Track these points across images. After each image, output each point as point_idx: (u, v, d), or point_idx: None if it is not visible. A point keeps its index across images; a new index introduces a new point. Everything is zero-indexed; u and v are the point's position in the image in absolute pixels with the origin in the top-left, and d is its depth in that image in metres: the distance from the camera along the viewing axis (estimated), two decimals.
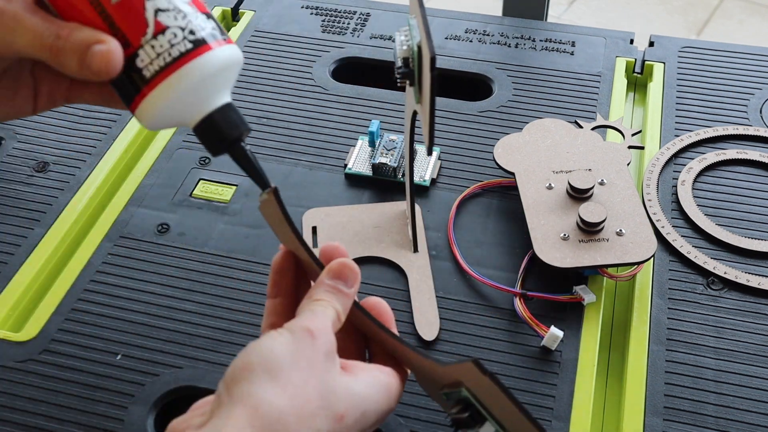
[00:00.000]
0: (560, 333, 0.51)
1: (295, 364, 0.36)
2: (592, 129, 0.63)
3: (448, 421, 0.41)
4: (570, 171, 0.59)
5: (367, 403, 0.38)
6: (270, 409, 0.34)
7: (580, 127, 0.63)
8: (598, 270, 0.54)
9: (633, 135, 0.62)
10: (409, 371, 0.43)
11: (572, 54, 0.75)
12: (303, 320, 0.38)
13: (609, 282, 0.57)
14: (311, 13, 0.80)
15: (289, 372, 0.35)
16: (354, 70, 0.75)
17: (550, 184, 0.58)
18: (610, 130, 0.65)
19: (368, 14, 0.80)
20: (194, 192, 0.63)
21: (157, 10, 0.36)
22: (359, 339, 0.43)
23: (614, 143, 0.61)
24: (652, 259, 0.57)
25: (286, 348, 0.36)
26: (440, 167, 0.64)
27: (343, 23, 0.79)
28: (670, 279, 0.56)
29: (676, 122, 0.67)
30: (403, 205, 0.61)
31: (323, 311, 0.39)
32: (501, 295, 0.55)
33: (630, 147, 0.61)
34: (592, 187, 0.57)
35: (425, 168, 0.63)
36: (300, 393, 0.35)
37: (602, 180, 0.58)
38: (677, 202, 0.61)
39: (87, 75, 0.36)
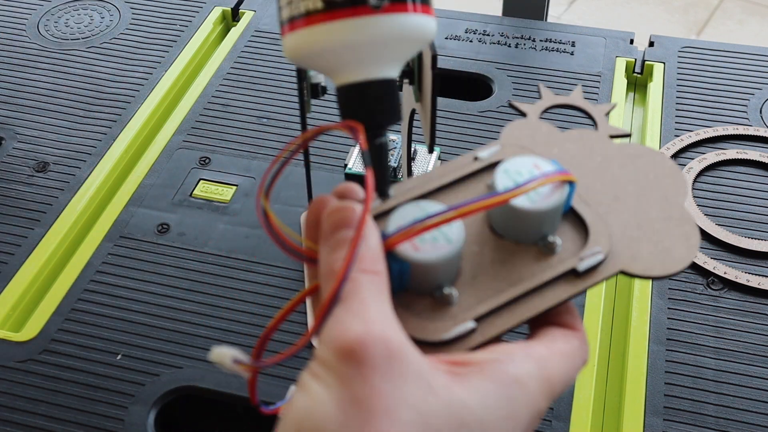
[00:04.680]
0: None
1: (347, 425, 0.24)
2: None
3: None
4: None
5: (485, 418, 0.26)
6: None
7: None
8: None
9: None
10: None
11: (572, 54, 0.75)
12: (336, 338, 0.25)
13: (609, 281, 0.57)
14: None
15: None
16: None
17: None
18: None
19: None
20: (194, 192, 0.63)
21: None
22: None
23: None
24: None
25: (327, 409, 0.24)
26: None
27: None
28: (670, 279, 0.56)
29: (676, 122, 0.67)
30: None
31: (355, 309, 0.26)
32: None
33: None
34: None
35: (425, 168, 0.63)
36: (323, 408, 0.24)
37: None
38: None
39: None
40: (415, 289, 0.30)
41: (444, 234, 0.29)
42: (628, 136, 0.34)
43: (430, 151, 0.44)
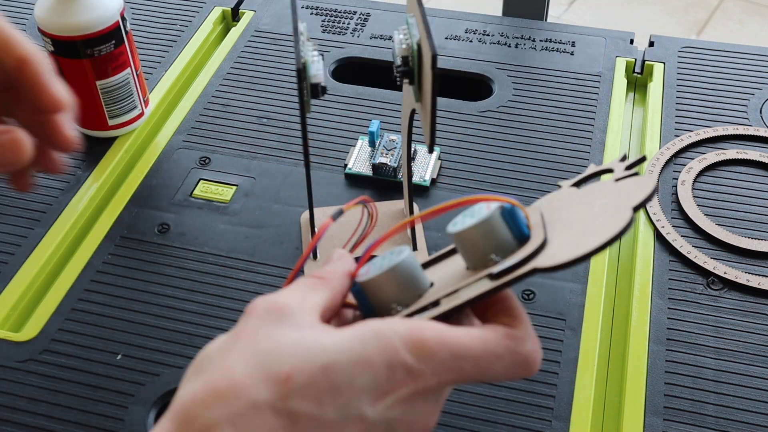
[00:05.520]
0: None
1: (221, 350, 0.30)
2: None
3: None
4: None
5: (333, 354, 0.29)
6: (183, 400, 0.29)
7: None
8: None
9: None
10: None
11: (572, 54, 0.75)
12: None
13: (609, 281, 0.57)
14: (311, 13, 0.80)
15: (214, 359, 0.30)
16: (354, 70, 0.75)
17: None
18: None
19: (368, 14, 0.80)
20: (194, 192, 0.63)
21: None
22: None
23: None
24: (652, 259, 0.57)
25: (218, 342, 0.31)
26: (440, 167, 0.64)
27: (343, 23, 0.79)
28: (670, 279, 0.56)
29: (676, 122, 0.67)
30: (401, 204, 0.61)
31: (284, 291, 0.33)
32: None
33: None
34: None
35: (425, 168, 0.63)
36: (218, 370, 0.29)
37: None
38: (677, 202, 0.61)
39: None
40: (380, 311, 0.34)
41: (389, 261, 0.33)
42: (643, 159, 0.35)
43: (430, 151, 0.44)
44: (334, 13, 0.80)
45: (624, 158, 0.36)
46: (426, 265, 0.37)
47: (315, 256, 0.57)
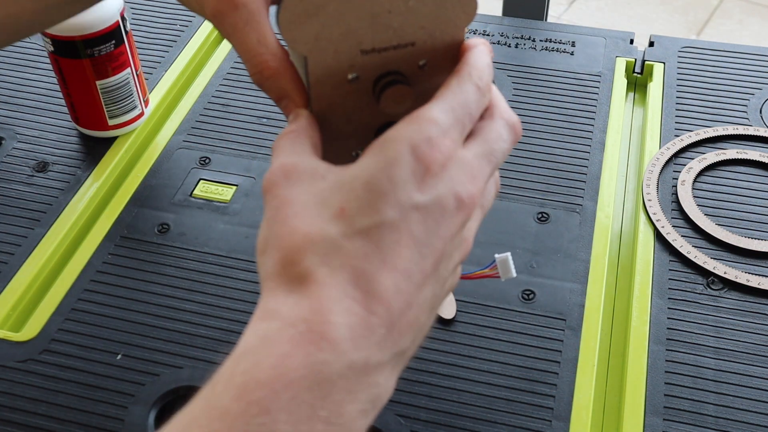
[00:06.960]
0: (505, 255, 0.45)
1: (273, 225, 0.32)
2: None
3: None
4: (385, 49, 0.35)
5: (364, 173, 0.31)
6: (269, 274, 0.32)
7: None
8: None
9: None
10: None
11: (572, 54, 0.75)
12: None
13: (609, 281, 0.57)
14: None
15: (271, 234, 0.32)
16: None
17: (354, 75, 0.36)
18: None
19: None
20: (194, 192, 0.63)
21: None
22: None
23: None
24: (652, 259, 0.57)
25: (264, 225, 0.33)
26: None
27: None
28: (670, 279, 0.56)
29: (676, 122, 0.67)
30: None
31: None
32: (501, 296, 0.55)
33: None
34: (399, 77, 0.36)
35: None
36: (284, 236, 0.31)
37: (423, 62, 0.36)
38: (677, 202, 0.61)
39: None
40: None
41: None
42: None
43: None
44: None
45: None
46: None
47: None
